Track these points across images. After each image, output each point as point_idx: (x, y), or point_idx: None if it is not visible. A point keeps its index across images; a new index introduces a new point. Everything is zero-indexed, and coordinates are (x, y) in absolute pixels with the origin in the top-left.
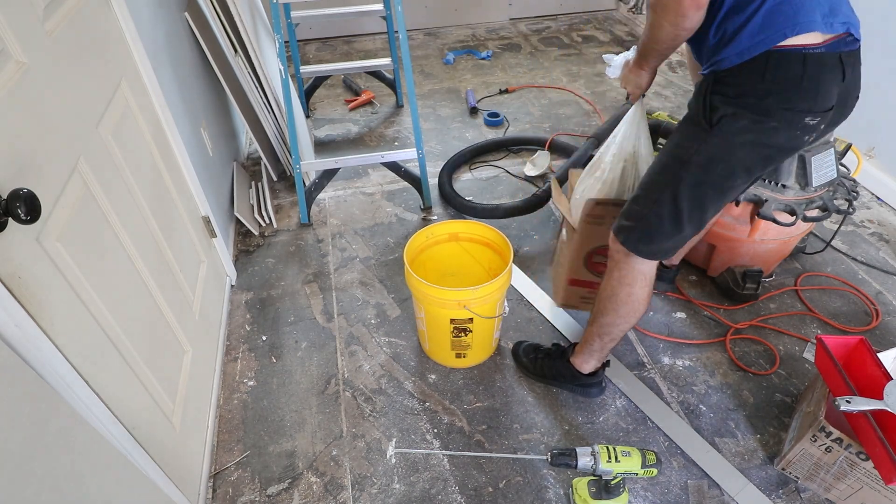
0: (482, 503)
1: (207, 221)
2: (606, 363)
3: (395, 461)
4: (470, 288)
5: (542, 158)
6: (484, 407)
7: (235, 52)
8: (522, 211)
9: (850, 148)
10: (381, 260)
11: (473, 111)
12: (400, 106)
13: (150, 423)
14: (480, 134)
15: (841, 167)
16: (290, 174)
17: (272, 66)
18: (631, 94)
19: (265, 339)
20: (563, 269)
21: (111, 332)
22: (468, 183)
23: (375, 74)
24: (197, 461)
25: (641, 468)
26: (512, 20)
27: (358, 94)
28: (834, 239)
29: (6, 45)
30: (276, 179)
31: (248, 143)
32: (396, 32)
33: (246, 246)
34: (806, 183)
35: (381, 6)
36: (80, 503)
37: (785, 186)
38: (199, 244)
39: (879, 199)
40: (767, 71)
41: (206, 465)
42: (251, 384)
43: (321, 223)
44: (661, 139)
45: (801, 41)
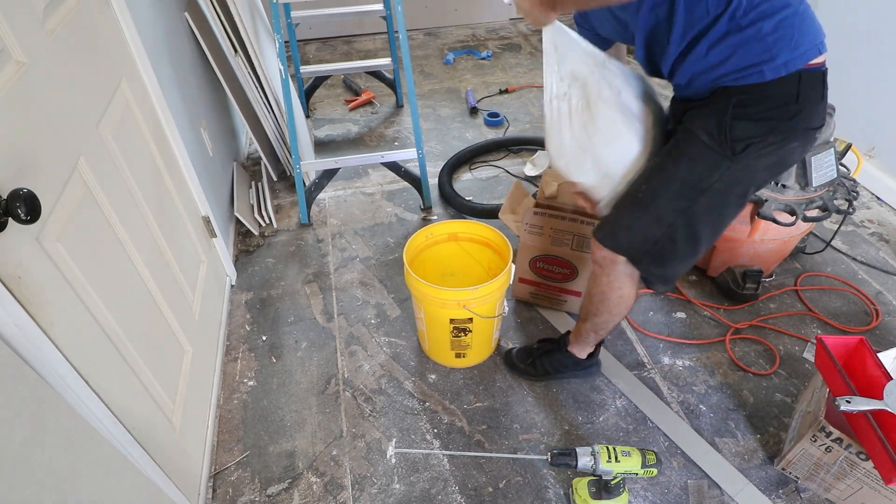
0: (482, 503)
1: (207, 221)
2: (600, 342)
3: (395, 461)
4: (469, 288)
5: (542, 158)
6: (484, 407)
7: (235, 52)
8: None
9: (850, 148)
10: (381, 260)
11: (473, 111)
12: (400, 106)
13: (150, 422)
14: (480, 134)
15: (841, 167)
16: (290, 174)
17: (272, 66)
18: (531, 24)
19: (265, 339)
20: (517, 266)
21: (111, 332)
22: (468, 183)
23: (375, 74)
24: (197, 461)
25: (641, 468)
26: (512, 20)
27: (358, 94)
28: (834, 239)
29: (6, 45)
30: (276, 179)
31: (248, 143)
32: (396, 32)
33: (246, 246)
34: (806, 183)
35: (381, 6)
36: (80, 503)
37: (785, 186)
38: (199, 244)
39: (879, 199)
40: (801, 91)
41: (206, 465)
42: (251, 384)
43: (321, 223)
44: None
45: (820, 59)
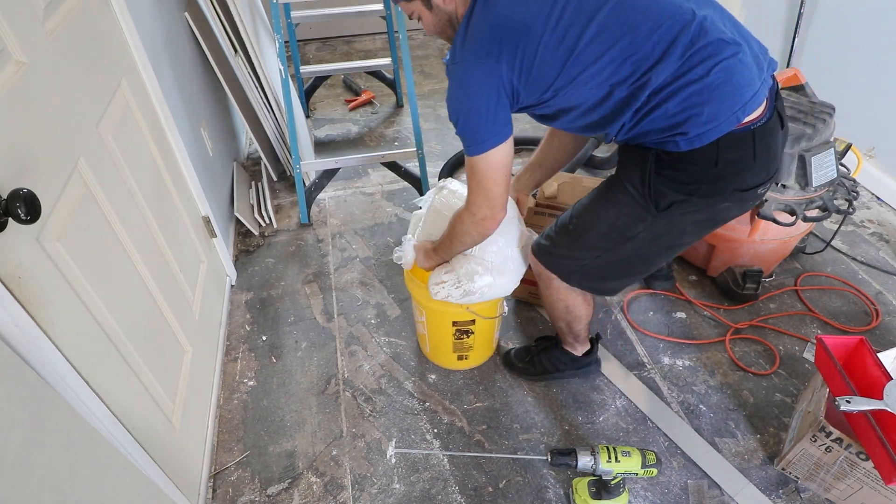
0: (482, 503)
1: (207, 221)
2: (597, 337)
3: (395, 461)
4: None
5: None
6: (484, 407)
7: (235, 52)
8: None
9: (850, 148)
10: (381, 260)
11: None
12: (400, 106)
13: (150, 423)
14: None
15: (841, 167)
16: (290, 174)
17: (272, 66)
18: (421, 267)
19: (265, 339)
20: None
21: (111, 332)
22: None
23: (375, 74)
24: (197, 461)
25: (641, 468)
26: None
27: (358, 94)
28: (834, 239)
29: (6, 45)
30: (276, 179)
31: (248, 143)
32: (396, 32)
33: (246, 246)
34: (806, 183)
35: (381, 6)
36: (79, 503)
37: (785, 186)
38: (199, 244)
39: (879, 199)
40: (720, 156)
41: (206, 465)
42: (251, 384)
43: (321, 223)
44: None
45: (749, 118)
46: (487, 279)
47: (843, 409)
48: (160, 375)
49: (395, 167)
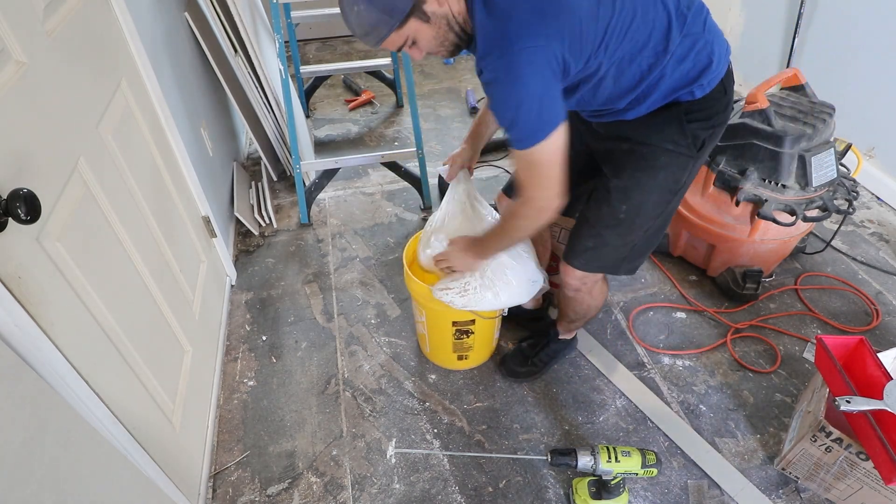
0: (482, 503)
1: (207, 221)
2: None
3: (395, 461)
4: None
5: None
6: (484, 407)
7: (235, 52)
8: None
9: (850, 148)
10: (381, 260)
11: (474, 111)
12: (400, 106)
13: (150, 423)
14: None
15: (841, 167)
16: (290, 174)
17: (272, 66)
18: (460, 270)
19: (265, 339)
20: None
21: (111, 332)
22: None
23: (375, 74)
24: (197, 461)
25: (641, 468)
26: None
27: (358, 94)
28: (834, 239)
29: (6, 45)
30: (276, 179)
31: (248, 143)
32: None
33: (246, 246)
34: (806, 183)
35: None
36: (79, 503)
37: (785, 186)
38: (199, 244)
39: (879, 199)
40: (726, 86)
41: (206, 465)
42: (251, 384)
43: (321, 223)
44: None
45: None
46: (489, 295)
47: (843, 409)
48: (160, 375)
49: (395, 167)
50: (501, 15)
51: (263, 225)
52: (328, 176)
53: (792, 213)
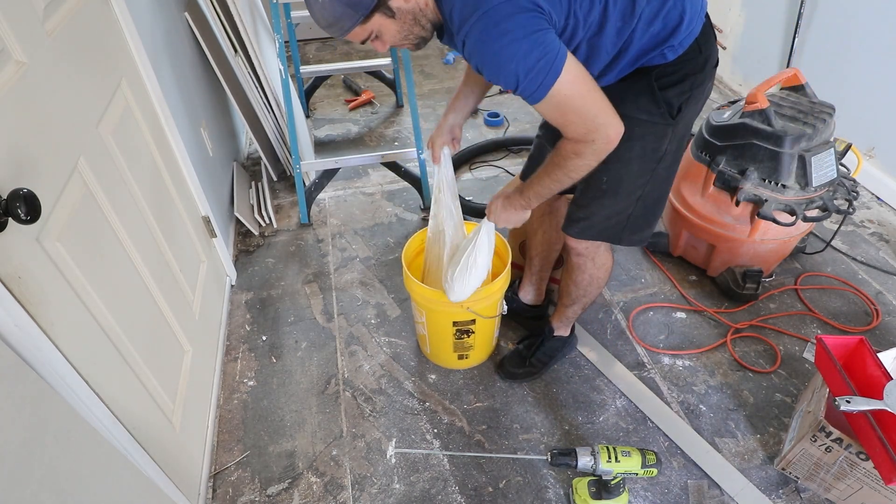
0: (482, 503)
1: (207, 221)
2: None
3: (395, 461)
4: None
5: None
6: (484, 407)
7: (235, 52)
8: None
9: (850, 148)
10: (381, 260)
11: (473, 111)
12: (400, 106)
13: (150, 423)
14: (480, 134)
15: (841, 167)
16: (290, 174)
17: (272, 66)
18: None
19: (265, 339)
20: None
21: (111, 332)
22: (468, 183)
23: (375, 74)
24: (197, 461)
25: (641, 468)
26: None
27: (358, 94)
28: (834, 239)
29: (6, 45)
30: (276, 179)
31: (248, 143)
32: None
33: (246, 246)
34: (806, 183)
35: None
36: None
37: (785, 186)
38: (199, 244)
39: (879, 199)
40: (701, 45)
41: (206, 465)
42: (251, 384)
43: (321, 223)
44: None
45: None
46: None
47: (843, 409)
48: (160, 375)
49: (395, 167)
50: None
51: (263, 225)
52: (328, 176)
53: (792, 213)
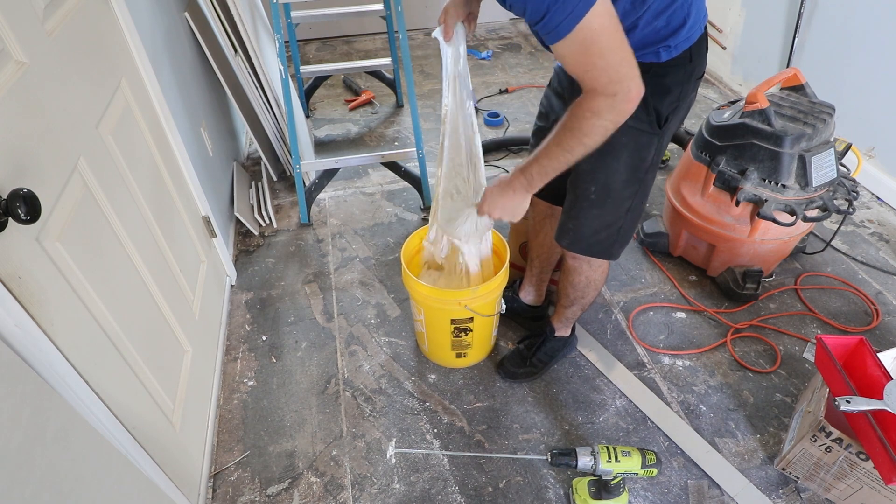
0: (482, 503)
1: (207, 221)
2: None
3: (395, 461)
4: (470, 288)
5: None
6: (484, 407)
7: (235, 52)
8: None
9: (850, 148)
10: (381, 260)
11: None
12: (400, 106)
13: (150, 422)
14: (480, 134)
15: (841, 167)
16: (290, 174)
17: (272, 66)
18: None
19: (265, 339)
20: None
21: (111, 332)
22: None
23: (375, 74)
24: (197, 461)
25: (641, 468)
26: (512, 20)
27: (358, 94)
28: (834, 239)
29: (6, 45)
30: (276, 179)
31: (248, 143)
32: (396, 32)
33: (246, 246)
34: (806, 183)
35: (381, 6)
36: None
37: (785, 186)
38: (199, 244)
39: (879, 199)
40: (692, 54)
41: (206, 465)
42: (251, 384)
43: (321, 223)
44: None
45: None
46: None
47: (843, 409)
48: (160, 375)
49: (395, 167)
50: None
51: (263, 225)
52: (328, 176)
53: (792, 213)
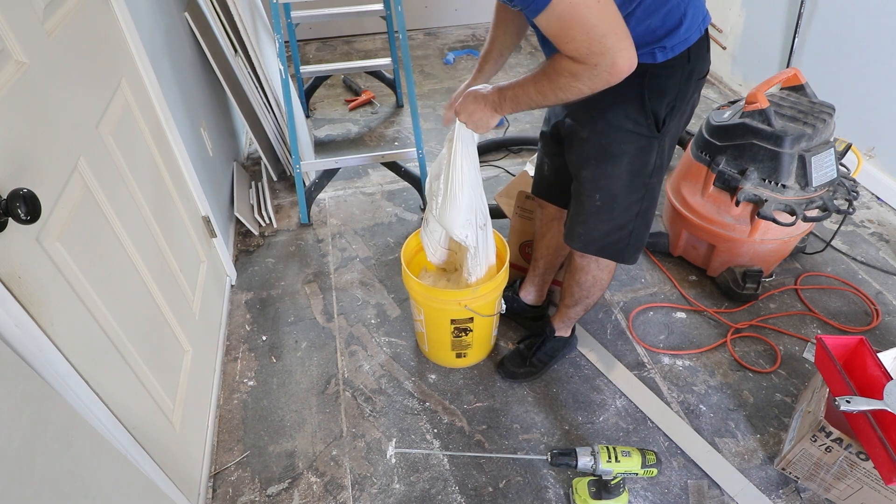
0: (482, 503)
1: (207, 221)
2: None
3: (395, 461)
4: (470, 288)
5: None
6: (484, 407)
7: (235, 52)
8: None
9: (850, 148)
10: (381, 260)
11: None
12: (400, 106)
13: (150, 422)
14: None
15: (841, 167)
16: (290, 174)
17: (272, 66)
18: (474, 129)
19: (265, 339)
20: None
21: (111, 332)
22: None
23: (375, 74)
24: (197, 461)
25: (641, 468)
26: None
27: (358, 94)
28: (834, 239)
29: (6, 45)
30: (276, 179)
31: (248, 143)
32: (396, 32)
33: (246, 246)
34: (806, 183)
35: (381, 6)
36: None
37: (785, 186)
38: (199, 244)
39: (879, 199)
40: (691, 55)
41: (206, 465)
42: (251, 384)
43: (321, 223)
44: None
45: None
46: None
47: (843, 409)
48: (160, 375)
49: (395, 167)
50: None
51: (263, 225)
52: (328, 176)
53: (792, 213)
